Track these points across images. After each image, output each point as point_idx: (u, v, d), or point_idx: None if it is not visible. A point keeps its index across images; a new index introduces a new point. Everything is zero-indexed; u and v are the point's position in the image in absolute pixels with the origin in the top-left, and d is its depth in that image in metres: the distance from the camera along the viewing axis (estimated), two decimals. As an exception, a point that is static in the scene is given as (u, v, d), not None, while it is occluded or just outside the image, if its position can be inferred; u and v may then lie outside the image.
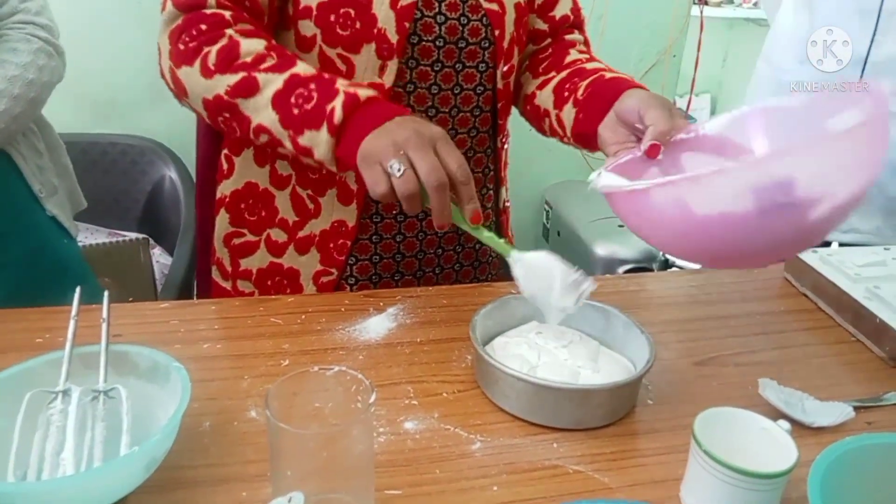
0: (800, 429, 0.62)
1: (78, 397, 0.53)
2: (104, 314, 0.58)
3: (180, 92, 0.72)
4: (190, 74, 0.70)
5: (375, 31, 0.74)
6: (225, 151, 0.89)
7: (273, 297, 0.83)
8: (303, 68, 0.69)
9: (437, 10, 0.77)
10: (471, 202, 0.63)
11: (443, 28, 0.78)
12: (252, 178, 0.86)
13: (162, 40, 0.73)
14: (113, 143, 1.61)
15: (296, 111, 0.67)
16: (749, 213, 0.51)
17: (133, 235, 1.56)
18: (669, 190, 0.54)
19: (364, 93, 0.67)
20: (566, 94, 0.83)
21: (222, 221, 0.89)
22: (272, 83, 0.68)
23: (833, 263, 0.86)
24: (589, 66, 0.86)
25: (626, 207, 0.61)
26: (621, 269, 1.76)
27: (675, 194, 0.54)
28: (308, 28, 0.76)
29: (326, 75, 0.69)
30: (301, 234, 0.85)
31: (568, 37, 0.94)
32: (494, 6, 0.81)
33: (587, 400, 0.61)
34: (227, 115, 0.70)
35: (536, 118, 0.90)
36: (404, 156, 0.61)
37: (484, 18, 0.80)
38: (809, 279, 0.88)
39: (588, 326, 0.73)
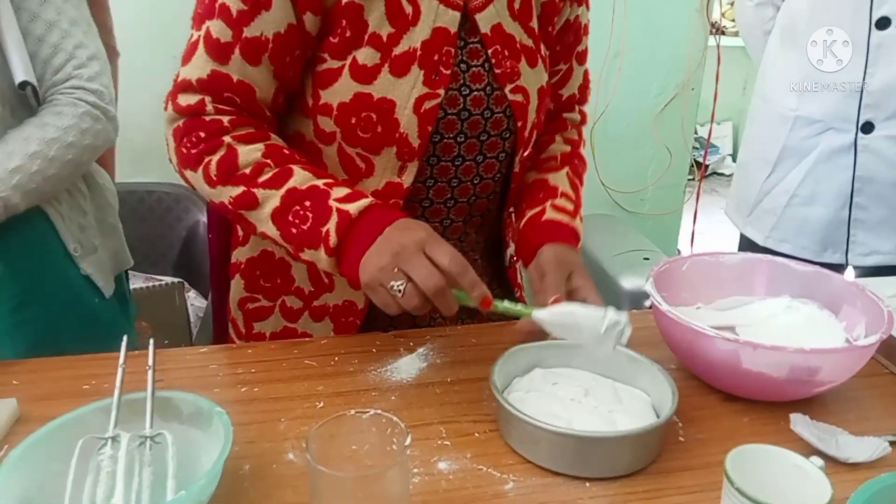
0: (834, 465, 0.62)
1: (126, 443, 0.56)
2: (150, 362, 0.61)
3: (188, 183, 0.76)
4: (195, 179, 0.74)
5: (397, 135, 0.74)
6: None
7: (307, 339, 0.85)
8: (299, 179, 0.71)
9: (461, 105, 0.76)
10: (475, 288, 0.66)
11: (465, 124, 0.77)
12: (267, 246, 0.86)
13: (167, 134, 0.76)
14: (150, 191, 1.67)
15: (294, 230, 0.70)
16: (779, 378, 0.67)
17: (169, 279, 1.61)
18: (729, 343, 0.67)
19: (356, 207, 0.69)
20: (522, 211, 0.88)
21: (237, 286, 0.90)
22: (270, 200, 0.71)
23: (862, 295, 0.86)
24: (552, 180, 0.89)
25: (678, 333, 0.73)
26: (648, 303, 1.76)
27: (732, 347, 0.67)
28: (328, 124, 0.76)
29: (322, 184, 0.71)
30: (316, 303, 0.85)
31: (565, 114, 0.95)
32: (519, 97, 0.79)
33: (636, 444, 0.61)
34: (233, 218, 0.75)
35: None
36: (400, 272, 0.64)
37: (508, 110, 0.79)
38: (838, 311, 0.87)
39: (589, 365, 0.73)
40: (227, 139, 0.72)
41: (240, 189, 0.71)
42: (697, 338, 0.69)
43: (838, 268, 1.26)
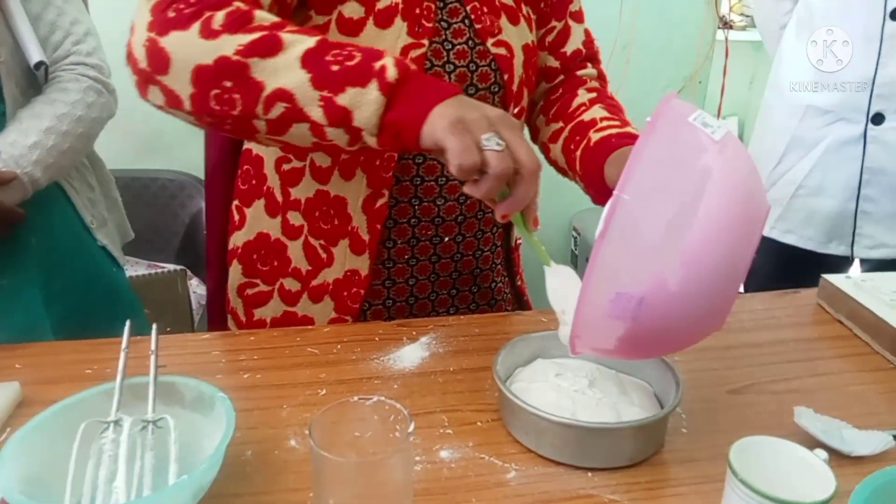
0: (838, 458, 0.61)
1: (129, 427, 0.55)
2: (153, 346, 0.61)
3: (158, 66, 0.60)
4: (182, 39, 0.60)
5: None
6: (235, 203, 0.90)
7: (310, 327, 0.85)
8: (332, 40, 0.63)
9: (445, 59, 0.78)
10: (535, 201, 0.62)
11: (452, 76, 0.78)
12: (263, 228, 0.86)
13: (140, 15, 0.62)
14: (154, 178, 1.67)
15: (335, 68, 0.58)
16: (628, 328, 0.53)
17: (171, 267, 1.61)
18: (581, 346, 0.58)
19: (413, 65, 0.61)
20: (572, 157, 0.82)
21: (235, 272, 0.90)
22: (301, 42, 0.59)
23: (868, 289, 0.86)
24: (587, 117, 0.83)
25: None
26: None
27: (581, 344, 0.58)
28: None
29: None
30: (314, 282, 0.85)
31: (580, 72, 0.93)
32: (502, 50, 0.80)
33: (639, 435, 0.61)
34: (230, 83, 0.59)
35: (559, 170, 0.89)
36: (496, 134, 0.57)
37: (492, 63, 0.80)
38: (844, 305, 0.87)
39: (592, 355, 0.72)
40: (237, 3, 0.62)
41: (256, 34, 0.59)
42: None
43: (843, 260, 1.25)
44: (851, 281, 0.89)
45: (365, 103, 0.58)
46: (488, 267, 0.92)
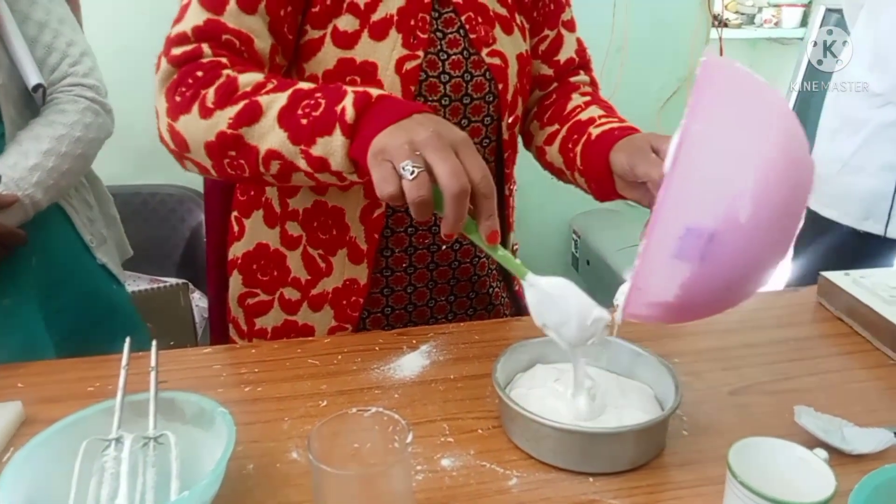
0: (840, 457, 0.61)
1: (130, 444, 0.56)
2: (153, 363, 0.61)
3: (182, 147, 0.69)
4: (189, 122, 0.67)
5: None
6: (235, 214, 0.91)
7: (310, 338, 0.86)
8: (306, 85, 0.66)
9: (441, 69, 0.78)
10: (490, 219, 0.57)
11: (447, 87, 0.79)
12: (263, 239, 0.87)
13: (159, 102, 0.70)
14: (153, 193, 1.68)
15: (304, 121, 0.62)
16: (693, 271, 0.51)
17: (173, 281, 1.62)
18: (635, 304, 0.55)
19: (376, 91, 0.63)
20: (571, 155, 0.83)
21: (235, 282, 0.91)
22: (276, 102, 0.64)
23: (866, 286, 0.86)
24: (584, 116, 0.85)
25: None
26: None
27: (638, 299, 0.54)
28: None
29: (332, 85, 0.66)
30: (314, 291, 0.85)
31: (573, 79, 0.94)
32: (497, 60, 0.81)
33: (639, 438, 0.61)
34: (234, 152, 0.66)
35: (555, 173, 0.91)
36: (420, 157, 0.55)
37: (487, 73, 0.81)
38: (843, 303, 0.87)
39: (592, 360, 0.71)
40: (226, 71, 0.67)
41: (240, 105, 0.65)
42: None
43: (878, 238, 1.27)
44: (850, 278, 0.89)
45: (334, 150, 0.62)
46: (485, 273, 0.92)
